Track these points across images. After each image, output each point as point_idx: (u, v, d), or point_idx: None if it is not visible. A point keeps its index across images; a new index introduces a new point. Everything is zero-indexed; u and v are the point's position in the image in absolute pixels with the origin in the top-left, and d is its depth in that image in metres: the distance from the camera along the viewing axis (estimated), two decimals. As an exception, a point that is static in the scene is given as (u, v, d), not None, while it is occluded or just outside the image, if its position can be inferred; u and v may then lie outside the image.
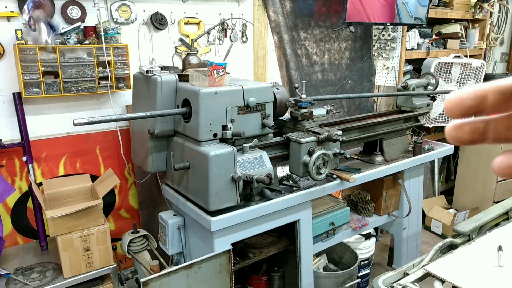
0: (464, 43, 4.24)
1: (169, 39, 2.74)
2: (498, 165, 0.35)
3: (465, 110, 0.34)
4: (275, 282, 2.46)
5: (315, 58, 3.39)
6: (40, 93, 2.20)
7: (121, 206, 2.82)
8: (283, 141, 2.13)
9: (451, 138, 0.36)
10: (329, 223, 2.43)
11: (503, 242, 1.93)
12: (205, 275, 1.88)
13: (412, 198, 2.82)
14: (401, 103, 2.86)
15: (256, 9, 3.06)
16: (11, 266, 2.18)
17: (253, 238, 2.21)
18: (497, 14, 4.76)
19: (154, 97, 2.00)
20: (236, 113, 1.93)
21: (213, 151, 1.80)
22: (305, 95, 2.16)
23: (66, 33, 2.27)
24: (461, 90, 0.34)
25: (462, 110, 0.34)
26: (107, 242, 2.15)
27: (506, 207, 2.40)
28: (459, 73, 3.71)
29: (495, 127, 0.35)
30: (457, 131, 0.36)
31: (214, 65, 1.89)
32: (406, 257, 3.05)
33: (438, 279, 1.74)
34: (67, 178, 2.46)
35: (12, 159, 2.38)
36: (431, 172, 4.49)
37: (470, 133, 0.35)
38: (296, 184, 2.26)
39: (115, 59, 2.37)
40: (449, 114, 0.35)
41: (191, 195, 1.99)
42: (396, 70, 3.70)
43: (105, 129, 2.64)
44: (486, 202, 4.11)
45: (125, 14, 2.52)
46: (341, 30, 3.46)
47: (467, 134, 0.35)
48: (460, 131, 0.36)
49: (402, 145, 2.80)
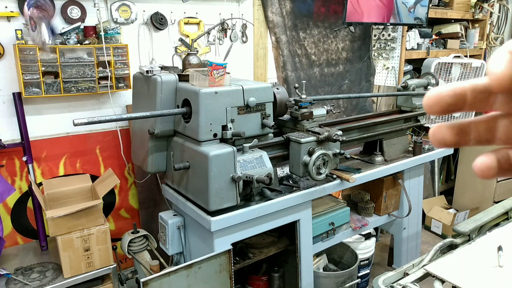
0: (464, 43, 4.24)
1: (169, 39, 2.74)
2: (479, 166, 0.35)
3: (444, 107, 0.35)
4: (275, 282, 2.46)
5: (314, 58, 3.39)
6: (40, 93, 2.20)
7: (121, 206, 2.82)
8: (283, 141, 2.13)
9: (436, 141, 0.36)
10: (329, 223, 2.43)
11: (503, 242, 1.93)
12: (205, 275, 1.88)
13: (412, 198, 2.82)
14: (401, 103, 2.86)
15: (256, 9, 3.06)
16: (11, 266, 2.18)
17: (253, 238, 2.21)
18: (497, 14, 4.76)
19: (154, 97, 2.00)
20: (236, 113, 1.93)
21: (213, 151, 1.80)
22: (305, 95, 2.16)
23: (66, 33, 2.27)
24: (440, 88, 0.35)
25: (441, 107, 0.35)
26: (107, 242, 2.15)
27: (506, 207, 2.40)
28: (459, 73, 3.71)
29: (476, 129, 0.36)
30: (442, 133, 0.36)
31: (214, 65, 1.89)
32: (406, 257, 3.05)
33: (438, 279, 1.74)
34: (67, 178, 2.46)
35: (12, 159, 2.38)
36: (431, 172, 4.49)
37: (455, 135, 0.36)
38: (296, 184, 2.26)
39: (115, 59, 2.37)
40: (428, 110, 0.36)
41: (191, 195, 1.99)
42: (396, 70, 3.70)
43: (105, 129, 2.64)
44: (486, 202, 4.11)
45: (125, 14, 2.52)
46: (339, 31, 3.46)
47: (452, 136, 0.36)
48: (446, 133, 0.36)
49: (402, 145, 2.81)
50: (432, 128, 0.37)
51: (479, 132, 0.36)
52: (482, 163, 0.35)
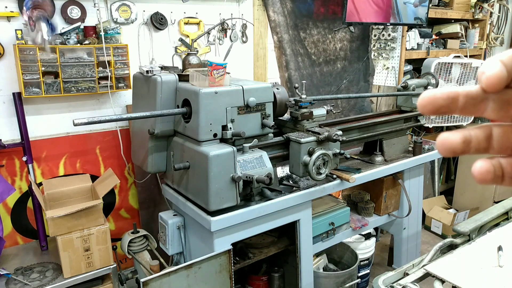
0: (464, 43, 4.24)
1: (169, 39, 2.74)
2: (478, 170, 0.37)
3: (436, 107, 0.37)
4: (275, 282, 2.46)
5: (314, 58, 3.39)
6: (40, 93, 2.20)
7: (121, 206, 2.82)
8: (283, 141, 2.13)
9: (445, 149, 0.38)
10: (329, 223, 2.43)
11: (503, 242, 1.93)
12: (205, 275, 1.88)
13: (412, 198, 2.82)
14: (401, 103, 2.86)
15: (256, 9, 3.06)
16: (11, 266, 2.18)
17: (253, 238, 2.21)
18: (497, 14, 4.76)
19: (154, 97, 2.00)
20: (236, 113, 1.93)
21: (213, 151, 1.80)
22: (305, 95, 2.16)
23: (66, 33, 2.27)
24: (435, 90, 0.37)
25: (434, 107, 0.37)
26: (107, 242, 2.15)
27: (506, 207, 2.40)
28: (459, 73, 3.71)
29: (476, 137, 0.38)
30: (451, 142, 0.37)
31: (214, 65, 1.89)
32: (406, 257, 3.05)
33: (438, 279, 1.74)
34: (67, 178, 2.46)
35: (12, 159, 2.38)
36: (431, 172, 4.49)
37: (462, 143, 0.37)
38: (296, 184, 2.26)
39: (115, 59, 2.37)
40: (421, 110, 0.38)
41: (191, 195, 1.99)
42: (396, 70, 3.70)
43: (105, 129, 2.64)
44: (486, 202, 4.12)
45: (125, 14, 2.52)
46: (338, 31, 3.46)
47: (460, 145, 0.37)
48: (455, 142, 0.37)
49: (402, 145, 2.81)
50: (440, 137, 0.38)
51: (478, 141, 0.37)
52: (481, 167, 0.37)
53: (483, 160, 0.37)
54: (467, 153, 0.38)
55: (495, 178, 0.37)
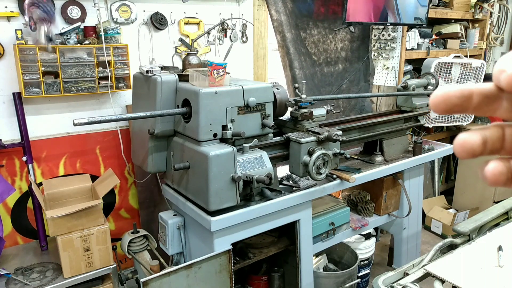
0: (464, 43, 4.24)
1: (169, 39, 2.74)
2: (492, 171, 0.35)
3: (450, 106, 0.35)
4: (275, 282, 2.46)
5: (314, 58, 3.39)
6: (40, 93, 2.20)
7: (121, 206, 2.82)
8: (283, 141, 2.13)
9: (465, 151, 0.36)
10: (329, 223, 2.43)
11: (503, 242, 1.93)
12: (205, 275, 1.88)
13: (412, 198, 2.82)
14: (401, 103, 2.86)
15: (256, 9, 3.06)
16: (11, 266, 2.18)
17: (253, 238, 2.21)
18: (497, 14, 4.75)
19: (154, 97, 2.00)
20: (236, 113, 1.93)
21: (213, 151, 1.80)
22: (305, 95, 2.16)
23: (66, 33, 2.27)
24: (448, 87, 0.35)
25: (447, 106, 0.35)
26: (107, 242, 2.15)
27: (506, 207, 2.40)
28: (459, 73, 3.71)
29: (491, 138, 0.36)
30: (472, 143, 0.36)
31: (214, 65, 1.89)
32: (406, 257, 3.05)
33: (438, 279, 1.74)
34: (67, 178, 2.46)
35: (12, 159, 2.38)
36: (431, 172, 4.49)
37: (481, 145, 0.36)
38: (296, 184, 2.26)
39: (115, 59, 2.37)
40: (434, 108, 0.36)
41: (191, 195, 1.99)
42: (396, 70, 3.69)
43: (105, 129, 2.64)
44: (486, 202, 4.11)
45: (125, 14, 2.52)
46: (338, 31, 3.45)
47: (480, 146, 0.36)
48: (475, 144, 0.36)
49: (402, 145, 2.81)
50: (459, 138, 0.36)
51: (493, 141, 0.36)
52: (495, 168, 0.35)
53: (496, 161, 0.36)
54: (483, 155, 0.36)
55: (507, 180, 0.36)
